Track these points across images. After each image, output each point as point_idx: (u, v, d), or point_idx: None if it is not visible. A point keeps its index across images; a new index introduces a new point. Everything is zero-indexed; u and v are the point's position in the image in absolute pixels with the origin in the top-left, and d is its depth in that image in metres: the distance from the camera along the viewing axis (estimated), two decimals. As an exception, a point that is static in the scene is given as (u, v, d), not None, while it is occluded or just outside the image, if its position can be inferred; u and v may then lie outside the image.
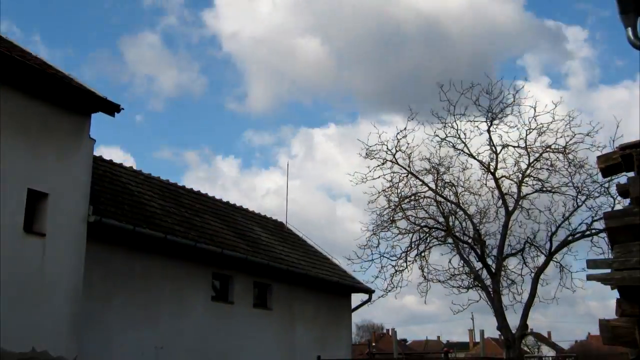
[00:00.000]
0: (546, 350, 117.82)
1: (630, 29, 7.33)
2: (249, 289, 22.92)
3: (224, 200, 27.85)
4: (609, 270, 6.67)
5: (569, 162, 26.73)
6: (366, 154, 28.33)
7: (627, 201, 7.12)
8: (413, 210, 28.70)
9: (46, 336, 14.56)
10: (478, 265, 27.67)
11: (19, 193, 14.42)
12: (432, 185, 28.30)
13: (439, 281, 28.34)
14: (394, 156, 28.12)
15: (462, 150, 28.30)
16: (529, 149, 27.48)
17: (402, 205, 28.27)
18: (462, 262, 27.79)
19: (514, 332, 26.51)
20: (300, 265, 25.56)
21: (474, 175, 29.52)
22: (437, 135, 28.28)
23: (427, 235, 28.32)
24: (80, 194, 16.03)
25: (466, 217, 28.18)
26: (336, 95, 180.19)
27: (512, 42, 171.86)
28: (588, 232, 26.41)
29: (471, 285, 27.76)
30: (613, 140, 23.99)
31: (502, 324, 26.39)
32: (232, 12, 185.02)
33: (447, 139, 28.26)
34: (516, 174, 27.89)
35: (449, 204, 28.33)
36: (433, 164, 28.32)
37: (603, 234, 24.95)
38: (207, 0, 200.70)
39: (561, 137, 26.82)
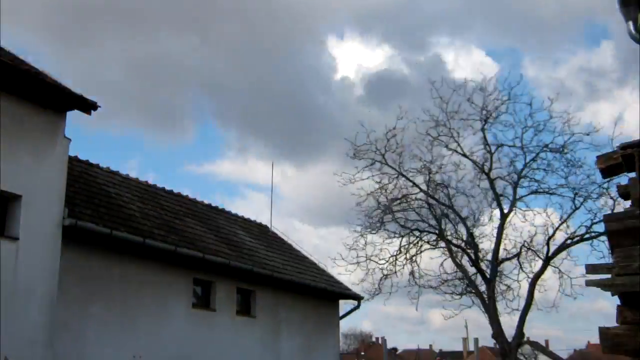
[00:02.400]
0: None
1: (631, 22, 7.36)
2: (232, 295, 22.88)
3: (206, 202, 27.81)
4: (609, 276, 6.70)
5: (567, 162, 26.85)
6: (354, 154, 28.41)
7: (628, 203, 7.14)
8: (403, 213, 28.78)
9: (19, 345, 14.52)
10: (472, 270, 27.77)
11: (-9, 195, 14.40)
12: (423, 187, 28.42)
13: (431, 287, 28.42)
14: (383, 156, 28.23)
15: (455, 150, 28.40)
16: (524, 149, 27.63)
17: (392, 207, 28.32)
18: (455, 267, 27.87)
19: (510, 340, 26.58)
20: (285, 270, 25.54)
21: (467, 176, 29.56)
22: (428, 134, 28.35)
23: (418, 238, 28.41)
24: (55, 196, 16.00)
25: (459, 219, 28.29)
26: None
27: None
28: (587, 236, 26.52)
29: (465, 292, 27.84)
30: (612, 139, 24.12)
31: (498, 332, 26.47)
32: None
33: (439, 137, 28.34)
34: (511, 174, 28.03)
35: (440, 206, 28.43)
36: (424, 164, 28.39)
37: (603, 238, 25.05)
38: None
39: (559, 135, 26.98)
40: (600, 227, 25.32)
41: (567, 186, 26.96)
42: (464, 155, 28.43)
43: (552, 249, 27.09)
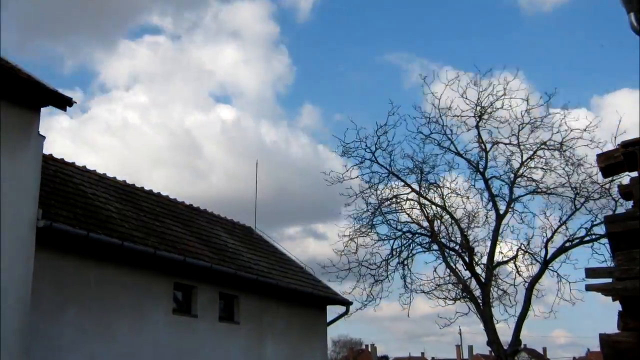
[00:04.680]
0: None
1: (633, 14, 7.34)
2: (214, 300, 22.86)
3: (187, 203, 27.74)
4: (610, 280, 6.69)
5: (566, 161, 26.84)
6: (343, 151, 28.36)
7: (630, 203, 7.15)
8: (394, 214, 28.74)
9: (-9, 353, 14.49)
10: (466, 274, 27.73)
11: (-40, 195, 14.33)
12: (415, 187, 28.37)
13: (423, 292, 28.35)
14: (373, 154, 28.20)
15: (448, 148, 28.37)
16: (521, 146, 27.58)
17: (382, 209, 28.29)
18: (448, 271, 27.81)
19: (505, 347, 26.56)
20: (270, 274, 25.51)
21: (461, 176, 29.55)
22: (420, 132, 28.31)
23: (410, 241, 28.37)
24: (29, 197, 15.92)
25: (453, 221, 28.24)
26: None
27: None
28: (587, 238, 26.44)
29: (459, 297, 27.79)
30: (615, 137, 24.09)
31: (493, 339, 26.44)
32: None
33: (431, 135, 28.30)
34: (508, 173, 28.02)
35: (433, 206, 28.40)
36: (416, 163, 28.35)
37: (604, 240, 25.02)
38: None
39: (557, 132, 26.95)
40: (601, 229, 25.30)
41: (566, 186, 26.90)
42: (458, 153, 28.41)
43: (551, 252, 27.06)
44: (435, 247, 27.98)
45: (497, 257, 27.73)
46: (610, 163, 7.27)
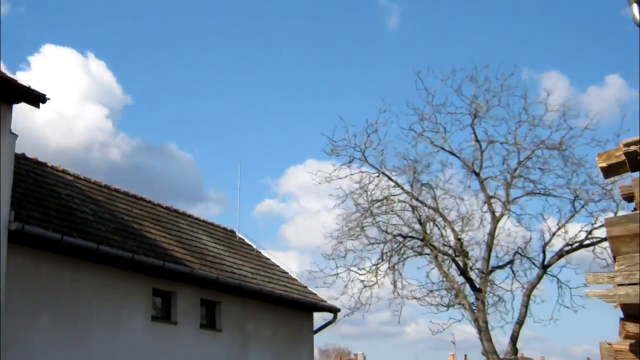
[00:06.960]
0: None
1: (636, 5, 7.29)
2: (195, 307, 22.84)
3: (166, 205, 27.68)
4: (611, 286, 6.67)
5: (565, 161, 26.84)
6: (331, 150, 28.32)
7: (631, 206, 7.14)
8: (385, 216, 28.69)
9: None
10: (460, 279, 27.69)
11: None
12: (407, 187, 28.34)
13: (415, 298, 28.31)
14: (363, 153, 28.18)
15: (441, 147, 28.35)
16: (518, 145, 27.57)
17: (372, 210, 28.24)
18: (441, 276, 27.79)
19: (502, 356, 26.53)
20: (254, 279, 25.48)
21: (455, 176, 29.54)
22: (412, 130, 28.29)
23: (401, 245, 28.30)
24: (0, 198, 15.89)
25: (446, 224, 28.21)
26: None
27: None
28: (587, 242, 26.44)
29: (452, 303, 27.77)
30: (617, 136, 24.12)
31: (488, 348, 26.43)
32: None
33: (424, 133, 28.29)
34: (504, 174, 27.99)
35: (426, 208, 28.37)
36: (408, 163, 28.33)
37: (605, 244, 25.01)
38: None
39: (556, 131, 26.95)
40: (602, 232, 25.30)
41: (566, 187, 26.89)
42: (452, 152, 28.40)
43: (549, 256, 27.04)
44: (427, 251, 27.93)
45: (493, 262, 27.73)
46: (611, 163, 7.21)
